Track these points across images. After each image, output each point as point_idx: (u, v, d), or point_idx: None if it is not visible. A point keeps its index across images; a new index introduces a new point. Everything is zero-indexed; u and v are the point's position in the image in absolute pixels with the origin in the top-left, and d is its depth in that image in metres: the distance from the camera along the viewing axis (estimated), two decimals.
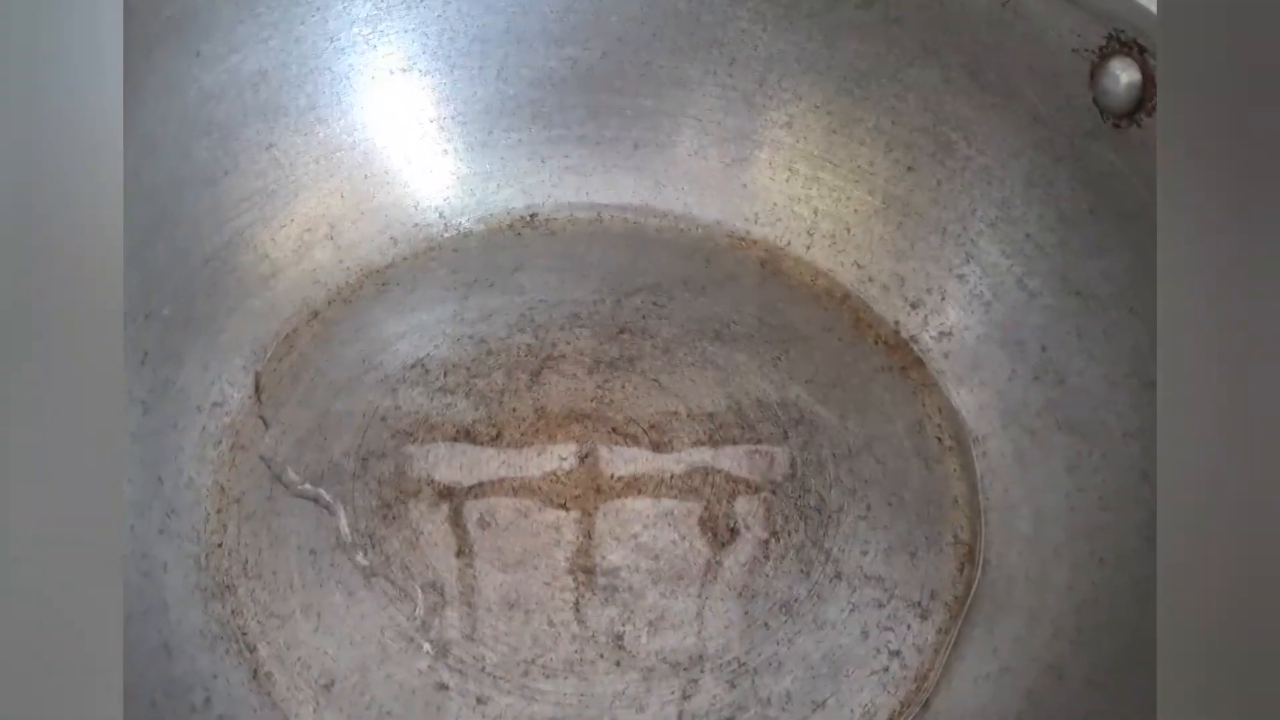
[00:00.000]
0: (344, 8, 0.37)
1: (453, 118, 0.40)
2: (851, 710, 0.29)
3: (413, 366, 0.36)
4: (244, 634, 0.30)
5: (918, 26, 0.36)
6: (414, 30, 0.38)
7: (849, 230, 0.39)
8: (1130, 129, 0.31)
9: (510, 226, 0.40)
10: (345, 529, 0.32)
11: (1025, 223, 0.35)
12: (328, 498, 0.32)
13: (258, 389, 0.35)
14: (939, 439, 0.35)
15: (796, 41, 0.38)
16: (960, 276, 0.37)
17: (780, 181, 0.40)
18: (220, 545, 0.31)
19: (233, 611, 0.30)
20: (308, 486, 0.32)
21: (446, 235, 0.40)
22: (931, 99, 0.37)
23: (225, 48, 0.34)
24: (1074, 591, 0.30)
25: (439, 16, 0.38)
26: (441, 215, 0.40)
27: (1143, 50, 0.31)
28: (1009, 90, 0.35)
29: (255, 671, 0.29)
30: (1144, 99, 0.31)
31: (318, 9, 0.36)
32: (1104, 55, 0.32)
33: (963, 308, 0.37)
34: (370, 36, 0.38)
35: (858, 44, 0.37)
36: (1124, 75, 0.31)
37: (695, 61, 0.39)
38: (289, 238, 0.37)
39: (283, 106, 0.36)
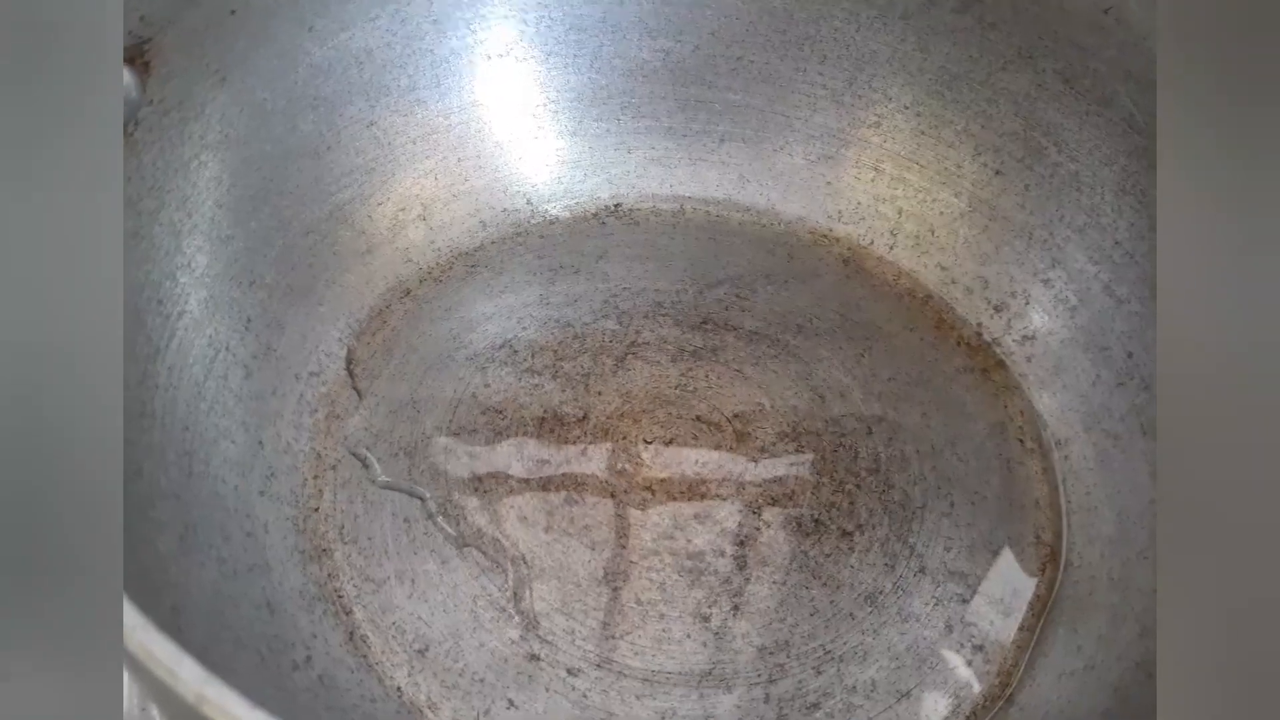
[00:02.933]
0: None
1: (545, 105, 0.40)
2: (936, 702, 0.30)
3: (501, 347, 0.36)
4: (340, 596, 0.30)
5: (1014, 31, 0.36)
6: (513, 16, 0.39)
7: (933, 232, 0.39)
8: None
9: (595, 215, 0.41)
10: (434, 509, 0.32)
11: (1115, 230, 0.36)
12: (418, 490, 0.33)
13: (350, 362, 0.35)
14: (1021, 441, 0.35)
15: (889, 42, 0.39)
16: (1045, 281, 0.37)
17: (865, 181, 0.40)
18: (317, 510, 0.32)
19: (329, 574, 0.31)
20: (391, 479, 0.33)
21: (534, 221, 0.40)
22: (1023, 104, 0.37)
23: (336, 24, 0.35)
24: None
25: (538, 3, 0.39)
26: (529, 201, 0.40)
27: None
28: (1104, 97, 0.35)
29: (351, 634, 0.30)
30: None
31: None
32: None
33: (1047, 312, 0.37)
34: (471, 20, 0.38)
35: (951, 47, 0.38)
36: None
37: (786, 58, 0.40)
38: (384, 216, 0.38)
39: (385, 86, 0.37)
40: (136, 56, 0.28)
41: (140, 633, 0.18)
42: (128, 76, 0.28)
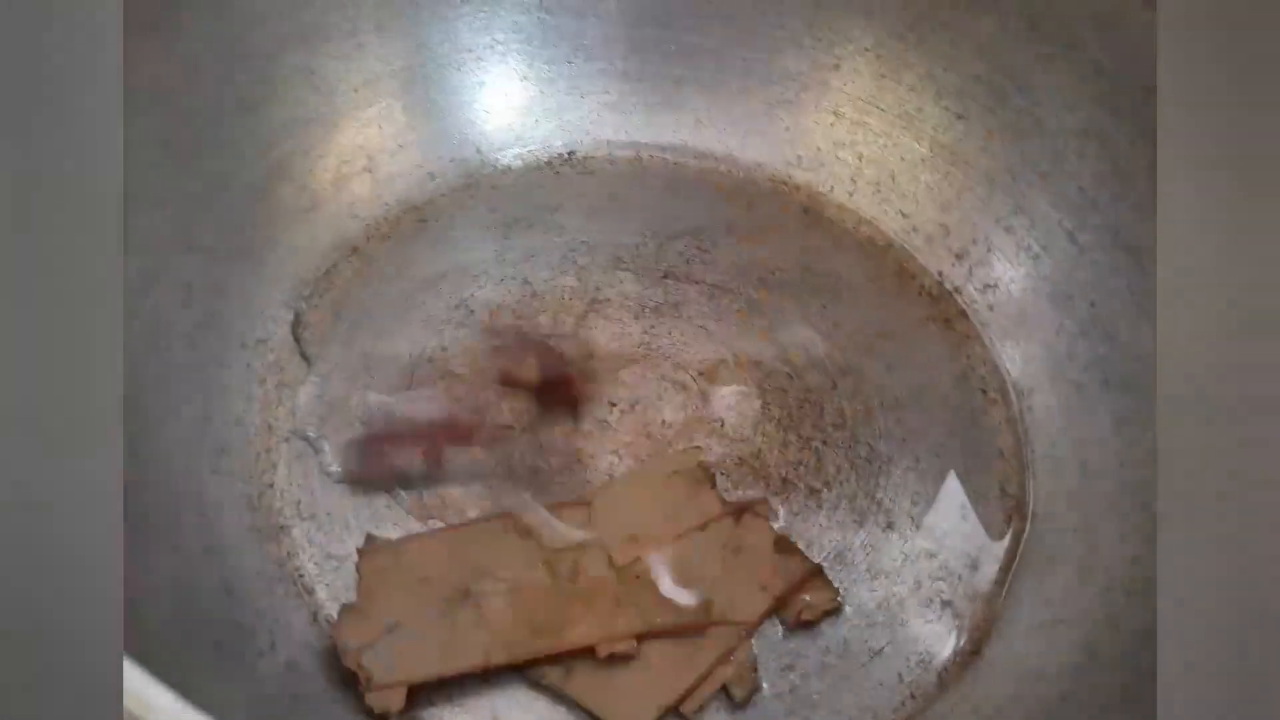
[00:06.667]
0: None
1: (492, 48, 0.38)
2: (907, 658, 0.30)
3: (457, 307, 0.35)
4: (301, 576, 0.29)
5: None
6: None
7: (894, 178, 0.38)
8: None
9: (549, 163, 0.39)
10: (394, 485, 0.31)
11: (1078, 176, 0.35)
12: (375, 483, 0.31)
13: (298, 326, 0.34)
14: (984, 391, 0.35)
15: None
16: (1008, 228, 0.37)
17: (825, 125, 0.39)
18: (272, 485, 0.31)
19: (288, 553, 0.30)
20: (344, 469, 0.31)
21: (484, 172, 0.39)
22: (986, 47, 0.36)
23: None
24: (1127, 543, 0.30)
25: None
26: (479, 150, 0.39)
27: None
28: (1070, 40, 0.34)
29: (315, 615, 0.29)
30: None
31: None
32: None
33: (1009, 260, 0.37)
34: None
35: None
36: None
37: None
38: (327, 169, 0.36)
39: (324, 30, 0.35)
40: None
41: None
42: None
